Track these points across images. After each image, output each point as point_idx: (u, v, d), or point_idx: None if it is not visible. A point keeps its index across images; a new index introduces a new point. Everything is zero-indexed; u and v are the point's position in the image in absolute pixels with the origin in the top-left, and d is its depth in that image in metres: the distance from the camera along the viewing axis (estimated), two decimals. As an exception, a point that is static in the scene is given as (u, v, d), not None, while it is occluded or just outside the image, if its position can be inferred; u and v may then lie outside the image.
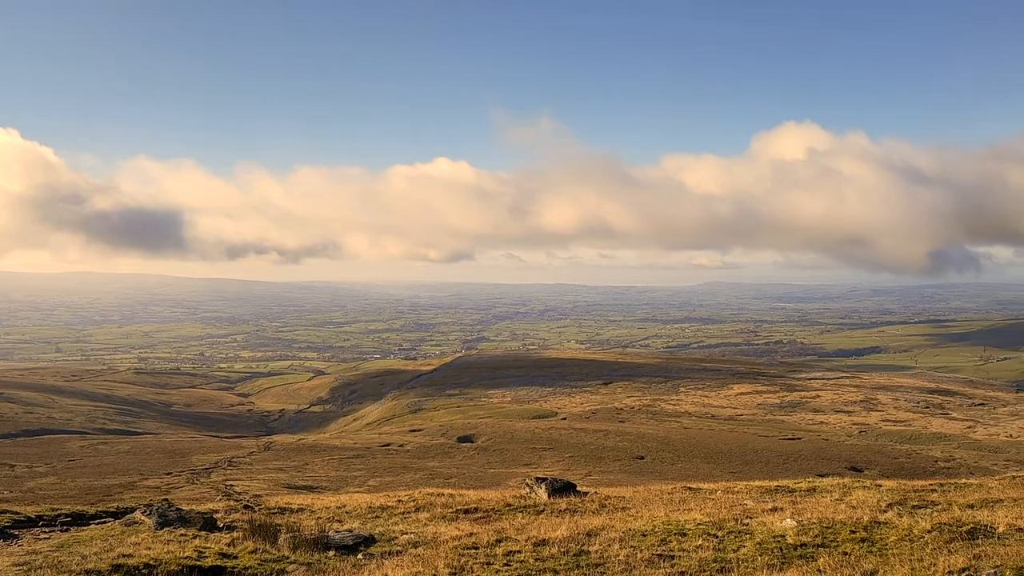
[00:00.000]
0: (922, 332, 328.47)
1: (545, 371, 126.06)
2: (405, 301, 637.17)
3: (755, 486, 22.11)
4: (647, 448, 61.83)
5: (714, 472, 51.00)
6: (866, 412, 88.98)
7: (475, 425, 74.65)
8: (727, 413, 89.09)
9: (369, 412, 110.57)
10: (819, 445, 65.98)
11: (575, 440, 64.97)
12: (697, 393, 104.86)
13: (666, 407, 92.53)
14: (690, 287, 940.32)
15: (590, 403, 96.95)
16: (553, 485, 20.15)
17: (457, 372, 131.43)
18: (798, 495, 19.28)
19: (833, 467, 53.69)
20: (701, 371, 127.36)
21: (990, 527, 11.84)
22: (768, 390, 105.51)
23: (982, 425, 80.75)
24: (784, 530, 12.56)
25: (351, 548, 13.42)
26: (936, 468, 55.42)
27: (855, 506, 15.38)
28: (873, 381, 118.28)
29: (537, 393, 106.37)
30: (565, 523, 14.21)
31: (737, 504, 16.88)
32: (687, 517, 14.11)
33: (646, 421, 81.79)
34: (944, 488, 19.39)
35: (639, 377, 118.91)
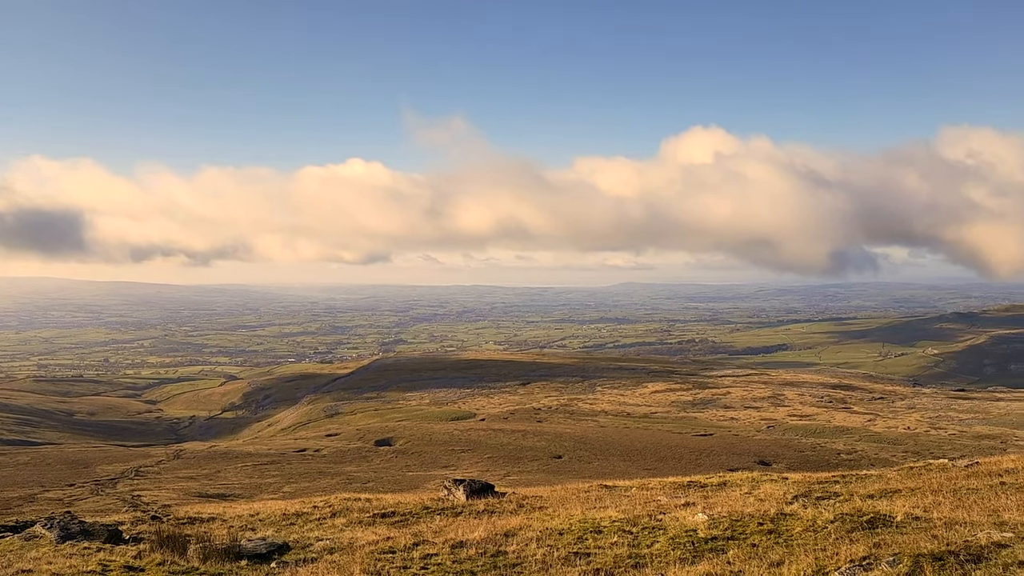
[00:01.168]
0: (825, 330, 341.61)
1: (463, 372, 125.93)
2: (321, 304, 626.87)
3: (669, 482, 22.61)
4: (565, 447, 62.43)
5: (630, 469, 51.86)
6: (774, 408, 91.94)
7: (393, 428, 74.00)
8: (642, 411, 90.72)
9: (284, 417, 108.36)
10: (730, 441, 67.82)
11: (494, 441, 65.11)
12: (613, 392, 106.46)
13: (583, 406, 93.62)
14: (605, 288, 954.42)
15: (508, 404, 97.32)
16: (471, 487, 20.17)
17: (375, 375, 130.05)
18: (710, 490, 19.81)
19: (743, 461, 55.29)
20: (617, 370, 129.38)
21: (889, 516, 12.41)
22: (681, 388, 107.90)
23: (881, 418, 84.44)
24: (696, 524, 12.90)
25: (264, 557, 13.14)
26: (839, 460, 57.67)
27: (763, 499, 15.90)
28: (780, 377, 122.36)
29: (456, 395, 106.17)
30: (483, 524, 14.25)
31: (651, 500, 17.23)
32: (603, 515, 14.33)
33: (564, 420, 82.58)
34: (846, 479, 20.22)
35: (557, 377, 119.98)
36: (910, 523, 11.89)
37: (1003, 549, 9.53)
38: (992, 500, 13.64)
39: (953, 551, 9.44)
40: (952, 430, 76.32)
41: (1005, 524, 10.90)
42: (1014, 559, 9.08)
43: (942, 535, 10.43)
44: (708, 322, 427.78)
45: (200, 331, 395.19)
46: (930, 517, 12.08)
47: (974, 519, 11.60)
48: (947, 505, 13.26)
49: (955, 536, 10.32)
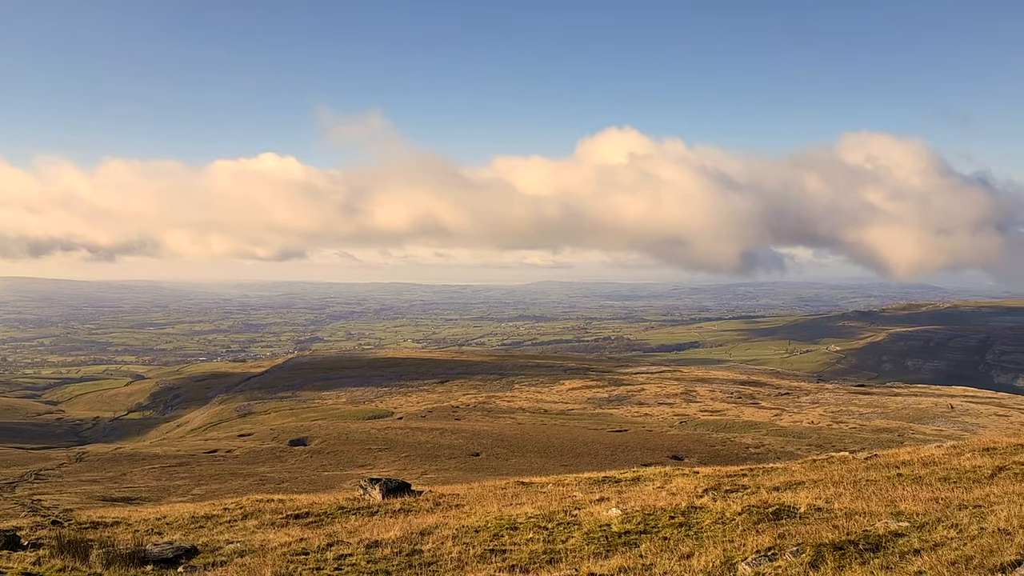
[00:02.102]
0: (735, 328, 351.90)
1: (381, 371, 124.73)
2: (233, 301, 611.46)
3: (584, 478, 22.89)
4: (482, 445, 62.52)
5: (547, 466, 52.32)
6: (686, 404, 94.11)
7: (308, 427, 72.75)
8: (559, 408, 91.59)
9: (194, 417, 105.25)
10: (644, 436, 69.12)
11: (411, 439, 64.71)
12: (531, 389, 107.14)
13: (501, 404, 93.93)
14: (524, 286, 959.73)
15: (426, 402, 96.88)
16: (387, 486, 20.00)
17: (290, 374, 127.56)
18: (624, 485, 20.14)
19: (657, 456, 56.43)
20: (534, 368, 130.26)
21: (793, 508, 12.86)
22: (597, 385, 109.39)
23: (787, 413, 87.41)
24: (610, 519, 13.10)
25: (171, 561, 12.74)
26: (748, 454, 59.45)
27: (675, 493, 16.26)
28: (692, 374, 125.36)
29: (373, 393, 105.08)
30: (399, 523, 14.16)
31: (567, 496, 17.41)
32: (519, 511, 14.41)
33: (482, 418, 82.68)
34: (754, 473, 20.84)
35: (475, 375, 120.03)
36: (813, 514, 12.34)
37: (900, 538, 9.99)
38: (889, 491, 14.27)
39: (853, 540, 9.85)
40: (853, 424, 79.59)
41: (901, 514, 11.43)
42: (910, 547, 9.52)
43: (843, 525, 10.87)
44: (624, 320, 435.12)
45: (104, 329, 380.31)
46: (832, 508, 12.57)
47: (873, 509, 12.11)
48: (847, 496, 13.81)
49: (855, 526, 10.76)
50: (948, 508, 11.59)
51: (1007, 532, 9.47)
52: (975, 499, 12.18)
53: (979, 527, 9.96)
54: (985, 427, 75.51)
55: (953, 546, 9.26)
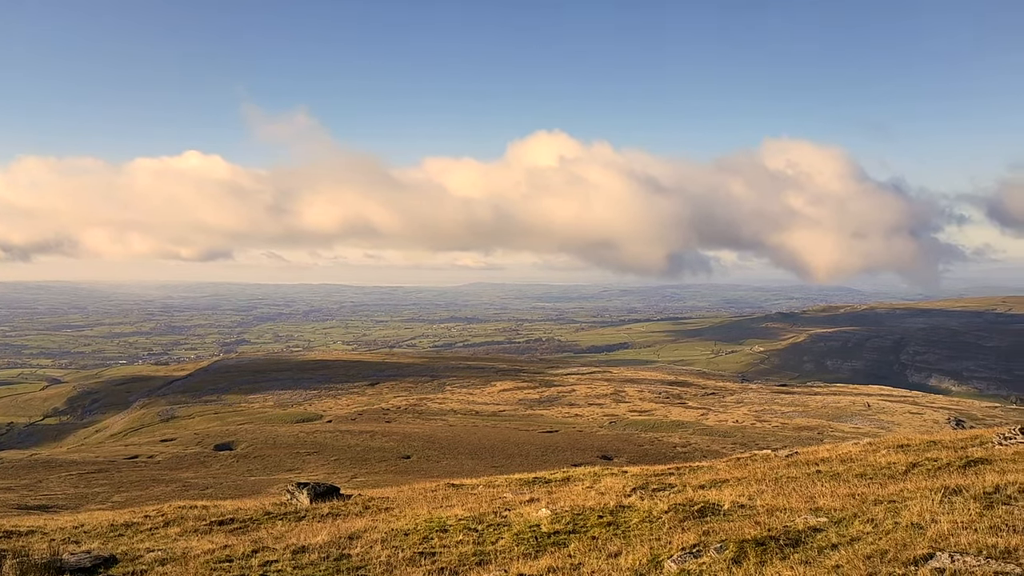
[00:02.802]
0: (663, 329, 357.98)
1: (310, 373, 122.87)
2: (156, 302, 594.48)
3: (515, 479, 22.97)
4: (413, 447, 62.15)
5: (478, 467, 52.30)
6: (616, 404, 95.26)
7: (234, 432, 71.18)
8: (491, 410, 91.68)
9: (114, 422, 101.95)
10: (574, 436, 69.70)
11: (341, 443, 63.91)
12: (462, 391, 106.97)
13: (432, 406, 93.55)
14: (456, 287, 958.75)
15: (356, 404, 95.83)
16: (316, 490, 19.73)
17: (215, 377, 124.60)
18: (554, 485, 20.27)
19: (587, 457, 56.97)
20: (466, 369, 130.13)
21: (717, 505, 13.15)
22: (529, 386, 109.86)
23: (713, 412, 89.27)
24: (540, 520, 13.18)
25: (89, 571, 12.31)
26: (675, 453, 60.50)
27: (604, 492, 16.45)
28: (622, 375, 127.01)
29: (301, 396, 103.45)
30: (327, 528, 13.98)
31: (497, 497, 17.45)
32: (449, 513, 14.38)
33: (413, 420, 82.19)
34: (680, 471, 21.22)
35: (406, 377, 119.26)
36: (736, 511, 12.63)
37: (818, 533, 10.30)
38: (809, 487, 14.70)
39: (774, 536, 10.12)
40: (775, 422, 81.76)
41: (820, 510, 11.78)
42: (827, 542, 9.83)
43: (764, 521, 11.15)
44: (555, 321, 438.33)
45: (19, 331, 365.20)
46: (754, 505, 12.89)
47: (793, 506, 12.46)
48: (769, 493, 14.18)
49: (776, 522, 11.06)
50: (864, 504, 11.99)
51: (919, 526, 9.86)
52: (890, 495, 12.63)
53: (893, 522, 10.34)
54: (900, 424, 78.50)
55: (869, 540, 9.59)
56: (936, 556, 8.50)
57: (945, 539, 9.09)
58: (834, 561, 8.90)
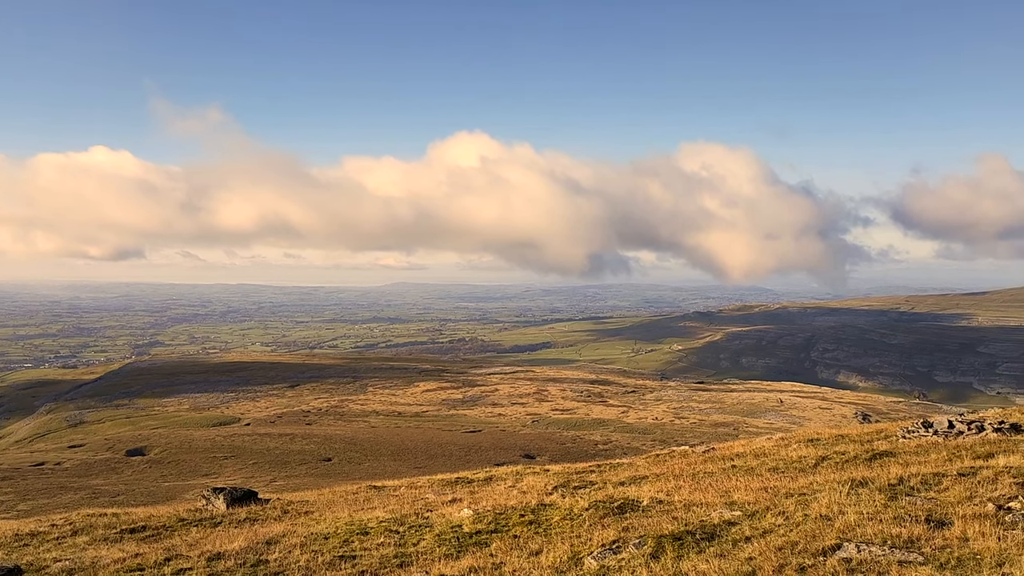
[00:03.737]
0: (585, 328, 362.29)
1: (227, 376, 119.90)
2: (63, 303, 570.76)
3: (437, 479, 22.90)
4: (335, 449, 61.31)
5: (400, 469, 51.92)
6: (538, 403, 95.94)
7: (147, 436, 68.91)
8: (414, 410, 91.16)
9: (18, 428, 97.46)
10: (498, 436, 69.89)
11: (259, 446, 62.57)
12: (385, 392, 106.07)
13: (354, 407, 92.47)
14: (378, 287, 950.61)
15: (276, 407, 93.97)
16: (232, 495, 19.27)
17: (127, 380, 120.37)
18: (476, 485, 20.29)
19: (510, 456, 57.21)
20: (389, 370, 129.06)
21: (636, 501, 13.37)
22: (452, 386, 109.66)
23: (633, 410, 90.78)
24: (462, 520, 13.17)
25: (-11, 585, 11.74)
26: (596, 451, 61.29)
27: (525, 491, 16.55)
28: (544, 374, 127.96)
29: (218, 399, 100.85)
30: (243, 533, 13.67)
31: (419, 498, 17.36)
32: (370, 516, 14.24)
33: (334, 422, 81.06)
34: (601, 469, 21.50)
35: (327, 378, 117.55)
36: (655, 507, 12.88)
37: (733, 527, 10.59)
38: (724, 482, 15.09)
39: (690, 531, 10.37)
40: (693, 419, 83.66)
41: (735, 504, 12.11)
42: (741, 535, 10.12)
43: (681, 516, 11.41)
44: (478, 321, 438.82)
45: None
46: (672, 500, 13.16)
47: (709, 500, 12.78)
48: (686, 488, 14.50)
49: (692, 517, 11.33)
50: (776, 497, 12.38)
51: (828, 518, 10.24)
52: (800, 488, 13.07)
53: (803, 514, 10.71)
54: (810, 419, 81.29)
55: (780, 532, 9.92)
56: (843, 546, 8.85)
57: (852, 530, 9.47)
58: (747, 553, 9.17)
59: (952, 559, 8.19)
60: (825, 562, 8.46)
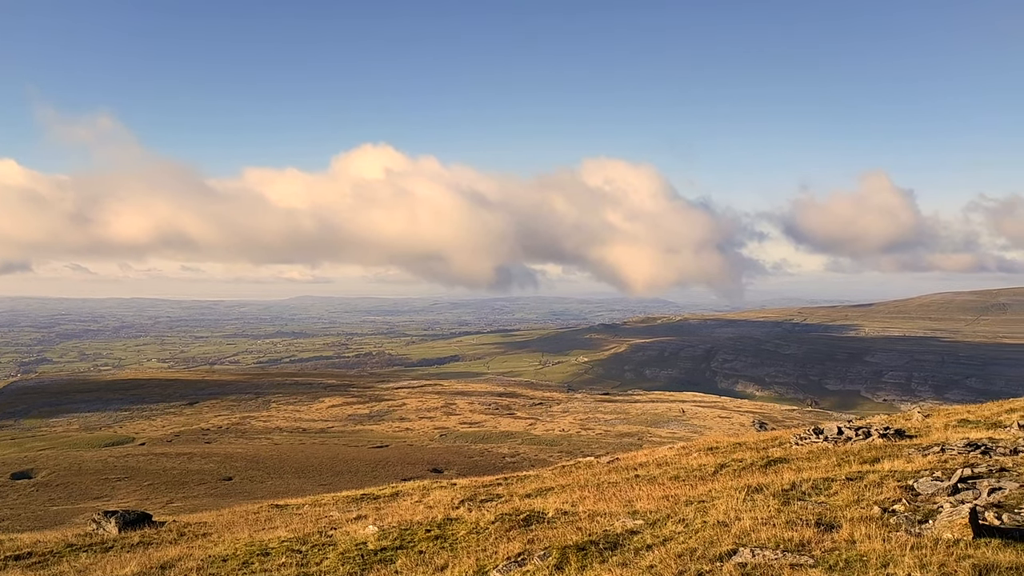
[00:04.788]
0: (493, 341, 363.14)
1: (121, 394, 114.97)
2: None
3: (342, 496, 22.54)
4: (236, 468, 59.52)
5: (305, 486, 50.82)
6: (446, 417, 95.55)
7: (34, 459, 65.34)
8: (319, 426, 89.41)
9: None
10: (405, 451, 69.24)
11: (155, 466, 60.18)
12: (289, 408, 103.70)
13: (257, 424, 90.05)
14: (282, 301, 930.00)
15: (173, 425, 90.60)
16: (125, 518, 18.51)
17: (11, 399, 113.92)
18: (382, 501, 20.07)
19: (417, 471, 56.75)
20: (293, 386, 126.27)
21: (542, 513, 13.49)
22: (359, 401, 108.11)
23: (541, 422, 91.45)
24: (366, 537, 13.01)
25: None
26: (504, 463, 61.44)
27: (432, 506, 16.47)
28: (453, 387, 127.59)
29: (111, 418, 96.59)
30: (136, 558, 13.15)
31: (323, 516, 17.06)
32: (272, 536, 13.91)
33: (235, 440, 78.72)
34: (508, 481, 21.60)
35: (228, 395, 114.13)
36: (560, 518, 13.02)
37: (635, 535, 10.81)
38: (628, 491, 15.39)
39: (594, 540, 10.53)
40: (599, 430, 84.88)
41: (637, 513, 12.37)
42: (643, 543, 10.34)
43: (586, 527, 11.58)
44: (385, 335, 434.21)
45: None
46: (576, 511, 13.34)
47: (613, 510, 13.00)
48: (591, 499, 14.72)
49: (596, 527, 11.50)
50: (677, 505, 12.71)
51: (725, 524, 10.57)
52: (700, 495, 13.45)
53: (702, 521, 11.03)
54: (711, 428, 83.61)
55: (680, 540, 10.18)
56: (739, 551, 9.15)
57: (748, 535, 9.81)
58: (648, 561, 9.38)
59: (840, 561, 8.56)
60: (722, 567, 8.73)
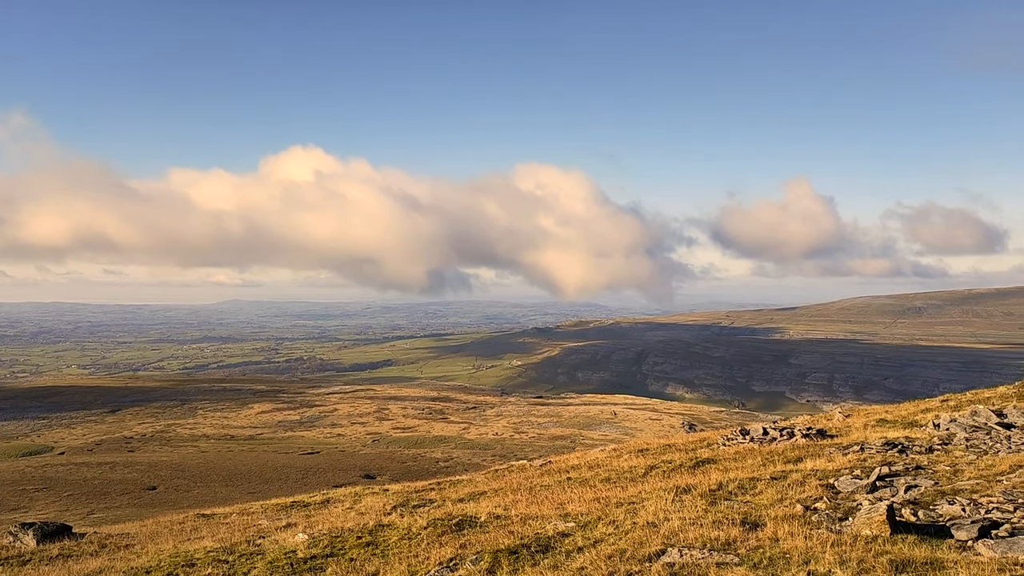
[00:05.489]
0: (427, 345, 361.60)
1: (38, 401, 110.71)
2: None
3: (272, 504, 22.17)
4: (160, 477, 57.91)
5: (233, 495, 49.75)
6: (379, 422, 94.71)
7: (-59, 471, 62.42)
8: (248, 433, 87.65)
9: None
10: (337, 457, 68.38)
11: (75, 476, 58.13)
12: (216, 415, 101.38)
13: (183, 432, 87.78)
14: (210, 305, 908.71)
15: (94, 434, 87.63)
16: (43, 530, 17.85)
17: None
18: (312, 508, 19.81)
19: (349, 477, 56.11)
20: (221, 392, 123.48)
21: (474, 518, 13.50)
22: (289, 407, 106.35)
23: (474, 426, 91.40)
24: (296, 545, 12.83)
25: None
26: (438, 468, 61.20)
27: (363, 512, 16.32)
28: (385, 392, 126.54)
29: (28, 427, 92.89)
30: (56, 571, 12.72)
31: (251, 525, 16.75)
32: (198, 546, 13.60)
33: (160, 448, 76.59)
34: (441, 486, 21.56)
35: (153, 402, 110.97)
36: (492, 522, 13.05)
37: (567, 538, 10.91)
38: (560, 494, 15.52)
39: (526, 544, 10.60)
40: (532, 433, 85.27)
41: (569, 515, 12.48)
42: (574, 546, 10.45)
43: (518, 530, 11.64)
44: (316, 339, 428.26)
45: None
46: (509, 515, 13.39)
47: (545, 513, 13.10)
48: (524, 502, 14.80)
49: (529, 530, 11.58)
50: (608, 507, 12.87)
51: (654, 525, 10.76)
52: (630, 497, 13.65)
53: (632, 522, 11.20)
54: (642, 430, 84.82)
55: (610, 541, 10.32)
56: (668, 551, 9.34)
57: (676, 535, 10.00)
58: (579, 564, 9.48)
59: (764, 559, 8.80)
60: (651, 567, 8.89)
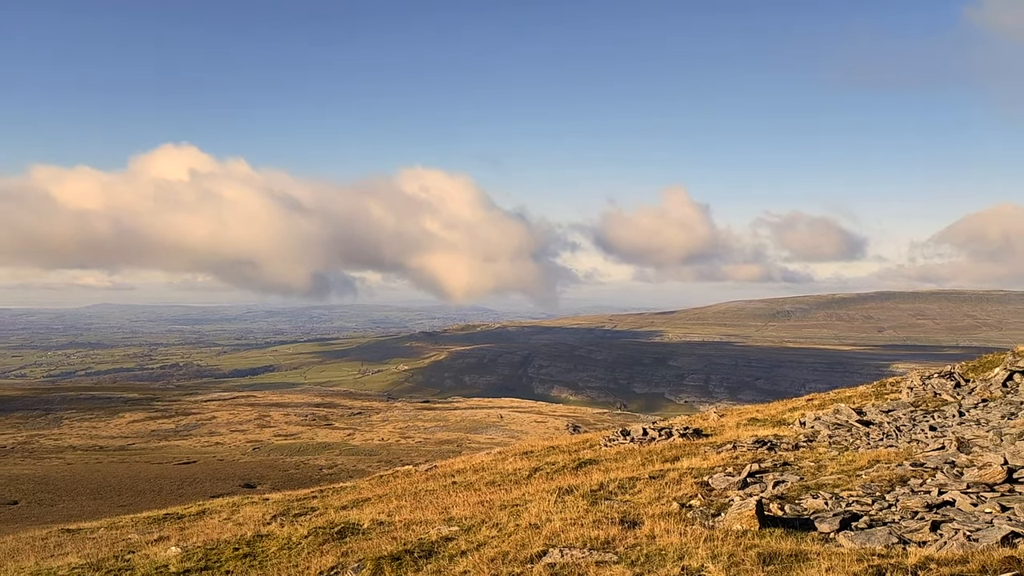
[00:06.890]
0: (310, 350, 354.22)
1: None
2: None
3: (143, 517, 21.24)
4: (22, 491, 54.40)
5: (102, 508, 47.28)
6: (260, 429, 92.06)
7: None
8: (118, 443, 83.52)
9: None
10: (215, 466, 66.02)
11: (-79, 494, 53.89)
12: (84, 424, 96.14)
13: (46, 443, 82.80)
14: (76, 309, 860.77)
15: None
16: None
17: None
18: (187, 520, 19.08)
19: (228, 487, 54.27)
20: (89, 400, 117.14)
21: (358, 525, 13.34)
22: (163, 415, 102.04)
23: (360, 432, 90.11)
24: (168, 559, 12.33)
25: None
26: (321, 476, 59.99)
27: (241, 523, 15.85)
28: (267, 399, 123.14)
29: None
30: (-102, 598, 11.77)
31: (121, 540, 15.99)
32: (61, 562, 12.89)
33: (22, 460, 71.95)
34: (324, 494, 21.18)
35: (13, 411, 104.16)
36: (376, 528, 12.93)
37: (450, 542, 10.93)
38: (444, 499, 15.53)
39: (409, 550, 10.55)
40: (419, 438, 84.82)
41: (453, 520, 12.50)
42: (458, 550, 10.48)
43: (401, 536, 11.57)
44: (193, 345, 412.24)
45: None
46: (393, 521, 13.30)
47: (429, 518, 13.08)
48: (408, 508, 14.73)
49: (412, 536, 11.53)
50: (492, 510, 12.97)
51: (537, 526, 10.92)
52: (514, 499, 13.80)
53: (515, 524, 11.33)
54: (527, 433, 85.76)
55: (494, 544, 10.41)
56: (549, 552, 9.50)
57: (558, 536, 10.18)
58: (462, 567, 9.52)
59: (642, 556, 9.07)
60: (532, 569, 9.02)
